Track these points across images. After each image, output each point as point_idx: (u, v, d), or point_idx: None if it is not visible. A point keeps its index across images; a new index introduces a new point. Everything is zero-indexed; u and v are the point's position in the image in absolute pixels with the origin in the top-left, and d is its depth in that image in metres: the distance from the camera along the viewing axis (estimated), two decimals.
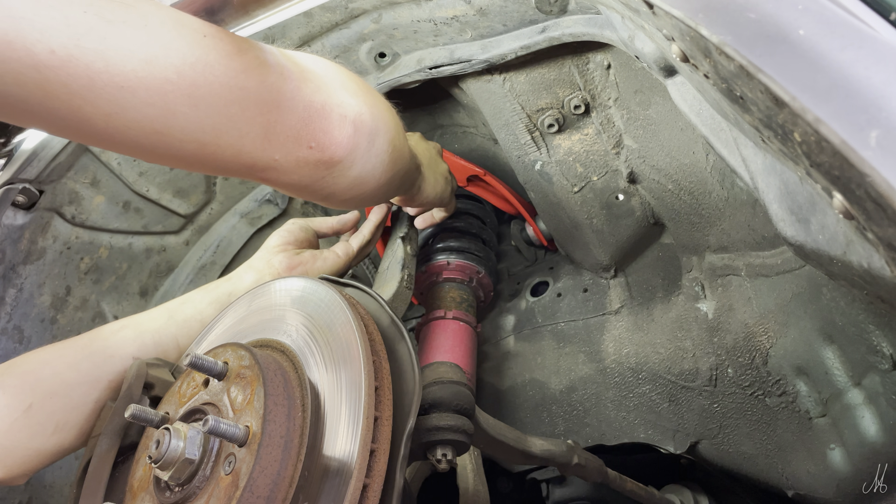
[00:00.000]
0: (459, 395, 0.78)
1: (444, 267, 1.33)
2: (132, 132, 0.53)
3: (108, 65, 0.49)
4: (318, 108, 0.62)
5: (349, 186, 0.69)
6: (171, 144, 0.55)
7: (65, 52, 0.47)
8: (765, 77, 0.40)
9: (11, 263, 1.08)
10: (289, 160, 0.62)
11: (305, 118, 0.61)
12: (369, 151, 0.68)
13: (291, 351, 0.72)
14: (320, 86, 0.63)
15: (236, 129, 0.57)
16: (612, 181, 1.21)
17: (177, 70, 0.52)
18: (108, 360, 0.82)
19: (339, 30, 1.13)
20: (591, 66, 1.11)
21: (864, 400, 0.95)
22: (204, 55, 0.54)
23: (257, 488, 0.58)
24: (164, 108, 0.52)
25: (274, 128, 0.59)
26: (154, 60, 0.51)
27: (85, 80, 0.48)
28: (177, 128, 0.54)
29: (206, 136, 0.55)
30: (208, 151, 0.57)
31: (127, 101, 0.50)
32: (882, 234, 0.38)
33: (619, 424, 1.18)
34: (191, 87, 0.53)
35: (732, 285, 1.08)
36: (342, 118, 0.64)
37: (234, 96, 0.56)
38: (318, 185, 0.67)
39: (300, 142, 0.62)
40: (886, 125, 0.35)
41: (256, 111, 0.57)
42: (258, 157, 0.60)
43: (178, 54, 0.52)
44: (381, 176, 0.73)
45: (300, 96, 0.61)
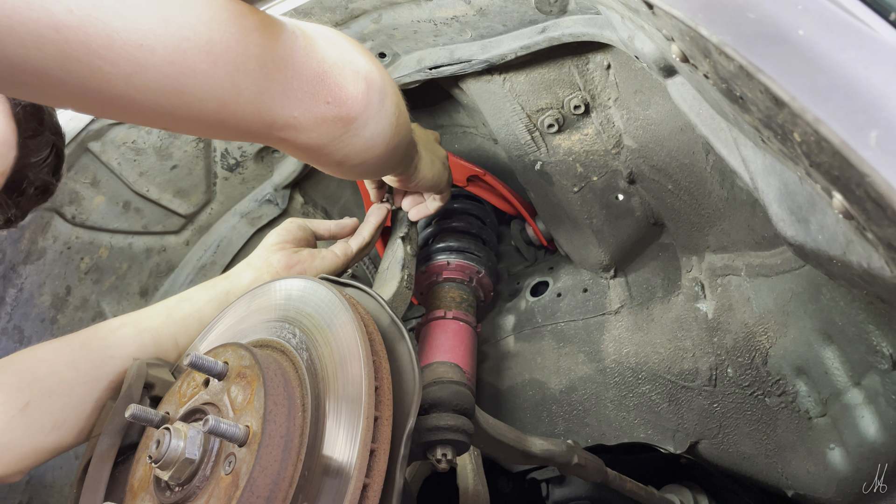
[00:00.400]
0: (459, 395, 0.78)
1: (444, 267, 1.33)
2: (152, 93, 0.53)
3: (126, 23, 0.50)
4: (332, 63, 0.63)
5: (362, 148, 0.70)
6: (192, 104, 0.56)
7: (83, 11, 0.48)
8: (764, 77, 0.40)
9: (11, 263, 1.08)
10: (307, 117, 0.63)
11: (321, 73, 0.62)
12: (380, 111, 0.70)
13: (291, 351, 0.72)
14: (332, 43, 0.65)
15: (255, 86, 0.58)
16: (612, 181, 1.21)
17: (193, 28, 0.53)
18: (108, 360, 0.82)
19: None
20: (591, 66, 1.11)
21: (863, 400, 0.95)
22: (217, 14, 0.54)
23: (257, 488, 0.58)
24: (183, 66, 0.53)
25: (291, 83, 0.60)
26: (170, 18, 0.51)
27: (104, 38, 0.49)
28: (196, 86, 0.54)
29: (225, 93, 0.56)
30: (229, 110, 0.58)
31: (146, 59, 0.51)
32: (882, 233, 0.38)
33: (618, 424, 1.18)
34: (208, 43, 0.54)
35: (732, 285, 1.08)
36: (355, 73, 0.65)
37: (250, 53, 0.56)
38: (335, 146, 0.68)
39: (317, 97, 0.63)
40: (886, 125, 0.35)
41: (273, 67, 0.58)
42: (277, 114, 0.61)
43: (193, 13, 0.53)
44: (390, 139, 0.74)
45: (314, 52, 0.62)
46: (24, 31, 0.46)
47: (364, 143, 0.70)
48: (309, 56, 0.62)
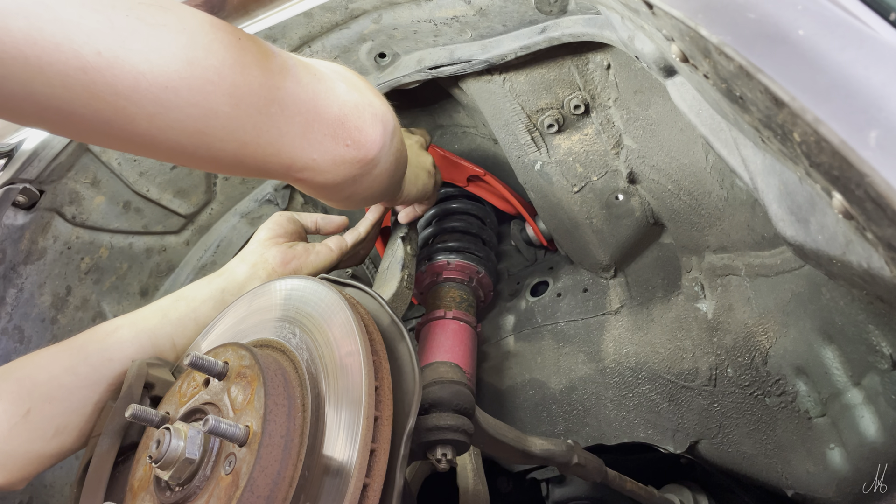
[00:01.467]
0: (459, 394, 0.78)
1: (445, 267, 1.33)
2: (174, 132, 0.54)
3: (153, 66, 0.51)
4: (353, 106, 0.64)
5: (370, 185, 0.72)
6: (213, 144, 0.57)
7: (111, 53, 0.49)
8: (764, 77, 0.40)
9: (12, 263, 1.08)
10: (326, 159, 0.64)
11: (341, 116, 0.63)
12: (391, 150, 0.71)
13: (291, 351, 0.72)
14: (351, 86, 0.66)
15: (276, 128, 0.59)
16: (612, 181, 1.21)
17: (217, 71, 0.54)
18: (107, 363, 0.82)
19: (340, 30, 1.13)
20: (590, 66, 1.11)
21: (863, 400, 0.95)
22: (240, 57, 0.55)
23: (257, 488, 0.58)
24: (206, 108, 0.54)
25: (312, 126, 0.61)
26: (196, 62, 0.53)
27: (130, 80, 0.50)
28: (218, 127, 0.55)
29: (247, 135, 0.57)
30: (248, 151, 0.59)
31: (171, 101, 0.52)
32: (881, 234, 0.38)
33: (618, 424, 1.18)
34: (231, 86, 0.55)
35: (732, 285, 1.08)
36: (374, 117, 0.67)
37: (273, 95, 0.58)
38: (348, 184, 0.69)
39: (337, 140, 0.64)
40: (886, 125, 0.35)
41: (295, 109, 0.60)
42: (297, 156, 0.62)
43: (217, 56, 0.54)
44: (394, 173, 0.76)
45: (335, 95, 0.63)
46: (51, 71, 0.47)
47: (373, 180, 0.72)
48: (330, 99, 0.63)
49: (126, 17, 0.50)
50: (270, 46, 0.61)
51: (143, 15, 0.51)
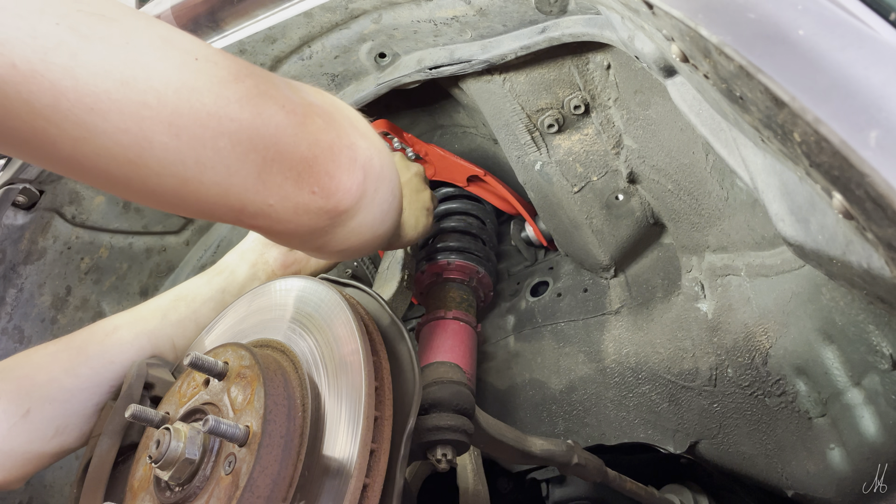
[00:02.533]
0: (459, 394, 0.78)
1: (445, 267, 1.33)
2: (102, 161, 0.47)
3: (78, 83, 0.44)
4: (325, 148, 0.55)
5: (344, 238, 0.62)
6: (148, 178, 0.49)
7: (28, 66, 0.42)
8: (764, 77, 0.40)
9: (12, 263, 1.08)
10: (286, 206, 0.54)
11: (309, 158, 0.54)
12: (374, 200, 0.61)
13: (291, 351, 0.72)
14: (329, 123, 0.56)
15: (224, 166, 0.50)
16: (612, 181, 1.21)
17: (157, 94, 0.46)
18: (108, 365, 0.82)
19: (340, 30, 1.13)
20: (590, 66, 1.11)
21: (863, 400, 0.95)
22: (191, 80, 0.48)
23: (257, 488, 0.58)
24: (139, 136, 0.47)
25: (270, 167, 0.52)
26: (131, 81, 0.45)
27: (50, 98, 0.43)
28: (154, 159, 0.48)
29: (187, 170, 0.49)
30: (190, 189, 0.51)
31: (97, 125, 0.45)
32: (882, 234, 0.38)
33: (618, 424, 1.18)
34: (172, 114, 0.47)
35: (732, 285, 1.08)
36: (352, 161, 0.57)
37: (223, 128, 0.49)
38: (314, 236, 0.60)
39: (301, 185, 0.54)
40: (886, 125, 0.35)
41: (249, 146, 0.50)
42: (249, 199, 0.53)
43: (161, 77, 0.47)
44: (378, 227, 0.65)
45: (304, 133, 0.54)
46: None
47: (350, 233, 0.62)
48: (298, 136, 0.53)
49: (56, 25, 0.43)
50: (242, 69, 0.52)
51: (78, 24, 0.44)
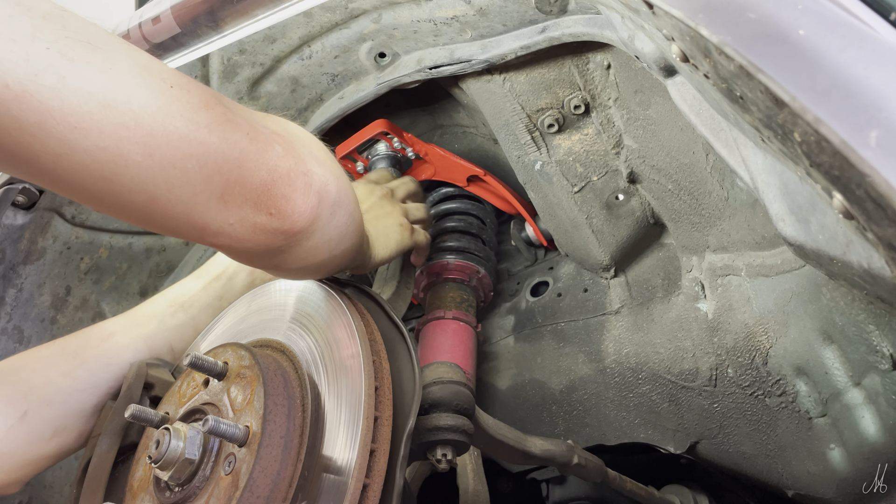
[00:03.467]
0: (459, 395, 0.78)
1: (445, 267, 1.33)
2: (81, 176, 0.51)
3: (64, 104, 0.48)
4: (283, 173, 0.59)
5: (301, 257, 0.66)
6: (120, 193, 0.53)
7: (19, 87, 0.46)
8: (765, 77, 0.40)
9: (11, 263, 1.08)
10: (244, 226, 0.58)
11: (268, 182, 0.58)
12: (329, 223, 0.65)
13: (291, 351, 0.72)
14: (288, 150, 0.60)
15: (190, 186, 0.54)
16: (612, 181, 1.21)
17: (135, 117, 0.50)
18: (106, 367, 0.82)
19: (339, 30, 1.13)
20: (591, 66, 1.11)
21: (864, 400, 0.95)
22: (166, 105, 0.52)
23: (257, 488, 0.58)
24: (116, 154, 0.50)
25: (232, 189, 0.56)
26: (112, 104, 0.49)
27: (37, 116, 0.47)
28: (127, 176, 0.52)
29: (157, 188, 0.53)
30: (158, 206, 0.54)
31: (78, 142, 0.49)
32: (882, 234, 0.38)
33: (619, 424, 1.18)
34: (147, 135, 0.51)
35: (732, 285, 1.08)
36: (307, 187, 0.61)
37: (192, 151, 0.53)
38: (271, 254, 0.64)
39: (259, 207, 0.58)
40: (886, 125, 0.35)
41: (215, 168, 0.55)
42: (211, 218, 0.57)
43: (139, 101, 0.51)
44: (335, 248, 0.69)
45: (265, 159, 0.58)
46: None
47: (306, 252, 0.66)
48: (259, 162, 0.57)
49: (46, 49, 0.47)
50: (211, 97, 0.56)
51: (67, 49, 0.48)
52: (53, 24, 0.49)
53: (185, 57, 1.04)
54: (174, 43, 1.01)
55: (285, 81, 1.24)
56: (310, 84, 1.25)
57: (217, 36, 1.07)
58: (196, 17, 0.99)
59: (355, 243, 0.75)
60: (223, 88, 1.21)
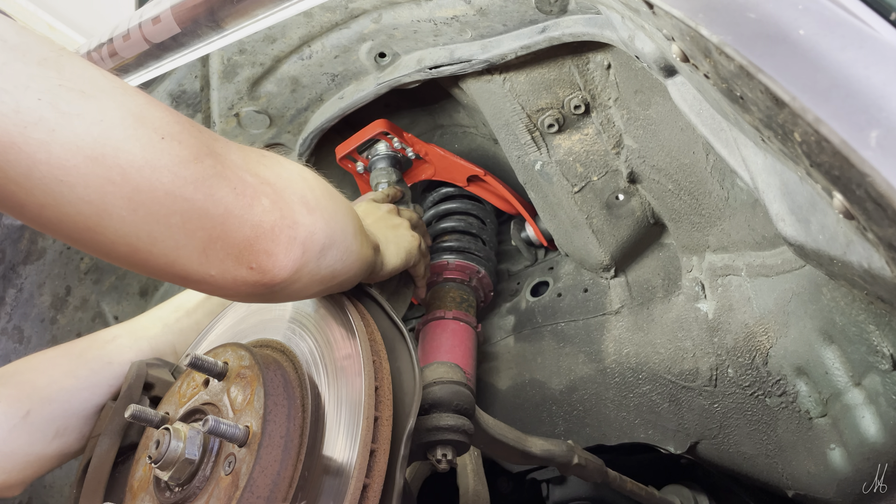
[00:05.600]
0: (459, 395, 0.78)
1: (445, 267, 1.33)
2: (65, 226, 0.51)
3: (51, 157, 0.47)
4: (267, 229, 0.59)
5: (289, 297, 0.67)
6: (103, 243, 0.53)
7: (8, 138, 0.46)
8: (765, 77, 0.40)
9: (11, 263, 1.08)
10: (225, 278, 0.58)
11: (251, 238, 0.58)
12: (318, 267, 0.65)
13: (291, 351, 0.72)
14: (275, 202, 0.60)
15: (173, 240, 0.54)
16: (612, 181, 1.21)
17: (122, 172, 0.50)
18: (107, 366, 0.82)
19: (339, 30, 1.13)
20: (591, 66, 1.11)
21: (864, 400, 0.95)
22: (154, 159, 0.51)
23: (257, 488, 0.58)
24: (100, 208, 0.50)
25: (214, 244, 0.56)
26: (101, 160, 0.49)
27: (24, 168, 0.47)
28: (110, 229, 0.52)
29: (140, 241, 0.53)
30: (140, 257, 0.55)
31: (64, 195, 0.49)
32: (882, 234, 0.38)
33: (619, 424, 1.18)
34: (133, 191, 0.51)
35: (732, 285, 1.08)
36: (291, 240, 0.61)
37: (177, 207, 0.53)
38: (256, 299, 0.65)
39: (241, 262, 0.58)
40: (886, 125, 0.35)
41: (198, 225, 0.55)
42: (192, 270, 0.57)
43: (128, 156, 0.50)
44: (329, 282, 0.70)
45: (249, 215, 0.57)
46: None
47: (293, 294, 0.66)
48: (244, 218, 0.57)
49: (38, 101, 0.47)
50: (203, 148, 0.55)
51: (58, 100, 0.48)
52: (48, 70, 0.48)
53: (185, 57, 1.04)
54: (174, 43, 1.01)
55: (285, 81, 1.24)
56: (310, 84, 1.25)
57: (217, 36, 1.07)
58: (196, 17, 0.99)
59: (356, 269, 0.75)
60: (223, 88, 1.21)
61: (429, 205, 1.47)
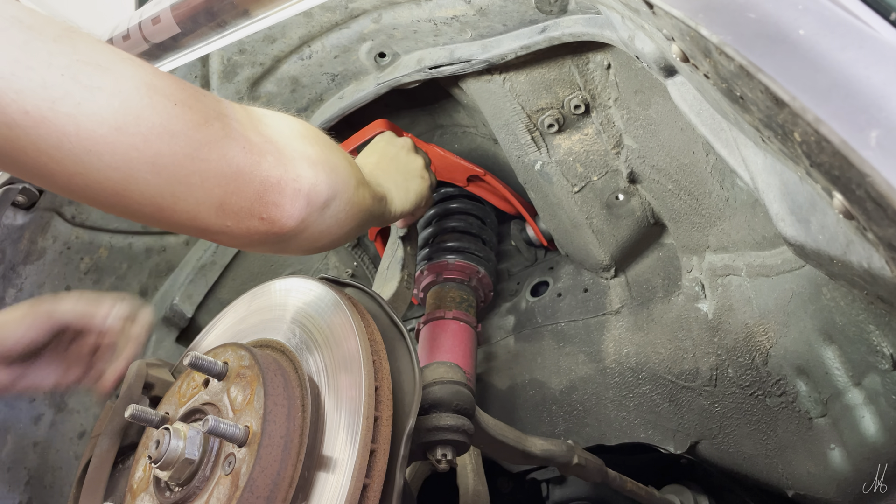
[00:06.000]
0: (459, 395, 0.78)
1: (445, 267, 1.33)
2: (92, 191, 0.55)
3: (80, 129, 0.50)
4: (274, 182, 0.63)
5: (300, 246, 0.71)
6: (129, 206, 0.57)
7: (38, 113, 0.49)
8: (765, 77, 0.40)
9: (11, 263, 1.08)
10: (240, 228, 0.63)
11: (261, 192, 0.62)
12: (323, 216, 0.69)
13: (291, 351, 0.72)
14: (279, 159, 0.64)
15: (193, 198, 0.59)
16: (612, 181, 1.21)
17: (144, 139, 0.54)
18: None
19: (339, 30, 1.13)
20: (591, 66, 1.11)
21: (864, 400, 0.95)
22: (171, 125, 0.55)
23: (257, 488, 0.58)
24: (127, 174, 0.54)
25: (230, 199, 0.61)
26: (124, 128, 0.52)
27: (55, 141, 0.50)
28: (137, 192, 0.56)
29: (164, 201, 0.58)
30: (165, 215, 0.59)
31: (92, 164, 0.52)
32: (882, 234, 0.38)
33: (619, 424, 1.18)
34: (155, 155, 0.55)
35: (733, 285, 1.08)
36: (296, 192, 0.65)
37: (195, 167, 0.57)
38: (267, 248, 0.70)
39: (252, 213, 0.63)
40: (886, 125, 0.35)
41: (214, 183, 0.59)
42: (211, 223, 0.62)
43: (147, 124, 0.54)
44: (337, 231, 0.74)
45: (258, 171, 0.62)
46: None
47: (302, 242, 0.71)
48: (252, 175, 0.62)
49: (61, 76, 0.50)
50: (211, 111, 0.60)
51: (79, 75, 0.51)
52: (65, 46, 0.51)
53: (185, 57, 1.04)
54: (174, 43, 1.01)
55: (285, 81, 1.24)
56: (310, 84, 1.25)
57: (217, 36, 1.07)
58: (195, 17, 0.99)
59: (362, 219, 0.80)
60: (223, 88, 1.21)
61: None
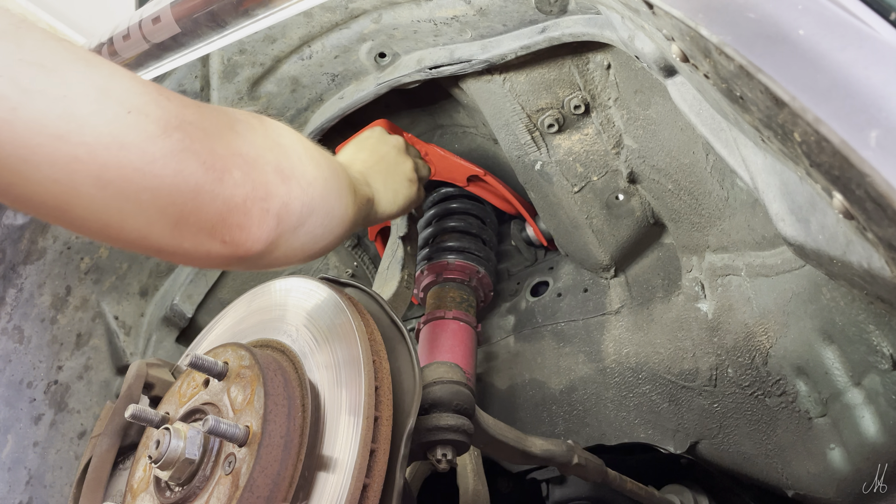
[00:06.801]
0: (459, 394, 0.78)
1: (445, 267, 1.33)
2: (32, 203, 0.50)
3: (15, 136, 0.46)
4: (239, 202, 0.57)
5: (269, 265, 0.66)
6: (73, 221, 0.53)
7: None
8: (765, 77, 0.40)
9: (11, 263, 1.08)
10: (199, 251, 0.58)
11: (223, 212, 0.56)
12: (295, 234, 0.64)
13: (291, 351, 0.72)
14: (247, 174, 0.58)
15: (144, 216, 0.53)
16: (612, 181, 1.21)
17: (89, 149, 0.49)
18: None
19: (339, 30, 1.13)
20: (591, 66, 1.11)
21: (863, 400, 0.95)
22: (121, 135, 0.50)
23: (257, 488, 0.58)
24: (68, 186, 0.49)
25: (186, 220, 0.55)
26: (66, 136, 0.48)
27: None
28: (80, 206, 0.51)
29: (110, 218, 0.52)
30: (112, 233, 0.54)
31: (30, 174, 0.48)
32: (882, 234, 0.38)
33: (619, 424, 1.18)
34: (101, 168, 0.49)
35: (732, 285, 1.08)
36: (264, 213, 0.59)
37: (146, 184, 0.52)
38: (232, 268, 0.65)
39: (213, 236, 0.57)
40: (886, 125, 0.35)
41: (168, 201, 0.53)
42: (165, 243, 0.56)
43: (94, 132, 0.49)
44: (312, 247, 0.69)
45: (220, 189, 0.56)
46: None
47: (271, 262, 0.65)
48: (214, 194, 0.56)
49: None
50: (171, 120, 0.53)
51: (20, 77, 0.46)
52: (7, 44, 0.47)
53: (185, 57, 1.04)
54: (174, 43, 1.00)
55: (285, 81, 1.24)
56: (310, 84, 1.25)
57: (217, 36, 1.07)
58: (196, 17, 0.99)
59: (343, 230, 0.74)
60: (223, 88, 1.21)
61: (429, 205, 1.47)
